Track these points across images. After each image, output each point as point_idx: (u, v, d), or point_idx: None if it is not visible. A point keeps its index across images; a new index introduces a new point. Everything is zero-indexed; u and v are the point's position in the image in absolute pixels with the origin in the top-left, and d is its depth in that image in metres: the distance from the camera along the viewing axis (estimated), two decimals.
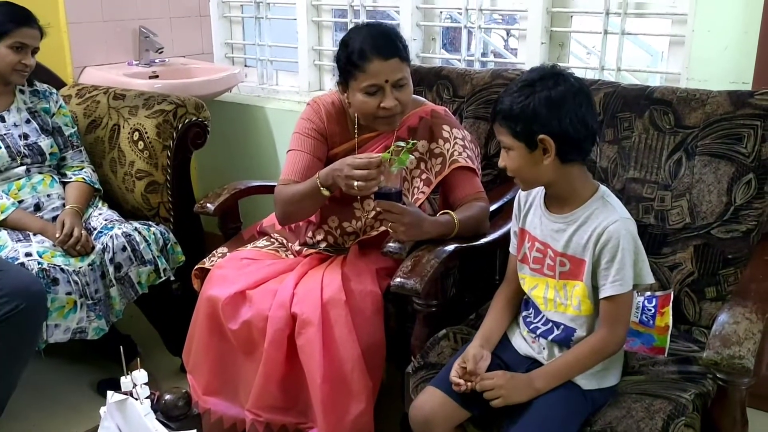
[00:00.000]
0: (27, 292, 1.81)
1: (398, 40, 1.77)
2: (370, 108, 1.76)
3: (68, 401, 2.22)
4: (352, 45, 1.75)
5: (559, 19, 2.34)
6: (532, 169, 1.39)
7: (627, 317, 1.39)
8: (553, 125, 1.33)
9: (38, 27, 2.15)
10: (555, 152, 1.34)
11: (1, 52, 2.09)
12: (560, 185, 1.41)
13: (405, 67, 1.77)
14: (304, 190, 1.77)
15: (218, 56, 3.23)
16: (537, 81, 1.35)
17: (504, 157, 1.42)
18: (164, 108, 2.29)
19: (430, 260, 1.58)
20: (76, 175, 2.25)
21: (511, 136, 1.37)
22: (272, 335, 1.70)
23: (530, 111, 1.34)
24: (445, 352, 1.56)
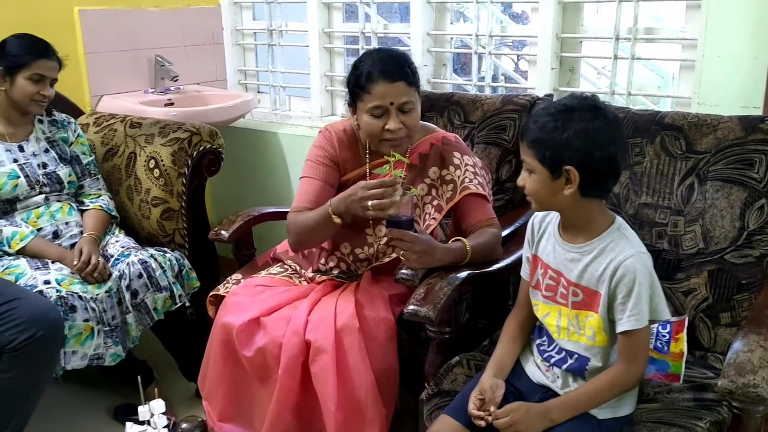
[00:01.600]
0: (45, 320, 1.84)
1: (406, 65, 1.80)
2: (375, 130, 1.78)
3: (86, 427, 2.24)
4: (361, 68, 1.79)
5: (569, 45, 2.36)
6: (550, 196, 1.38)
7: (645, 352, 1.39)
8: (583, 158, 1.32)
9: (57, 58, 2.19)
10: (578, 185, 1.34)
11: (20, 84, 2.14)
12: (576, 215, 1.41)
13: (412, 92, 1.79)
14: (316, 218, 1.79)
15: (232, 83, 3.28)
16: (576, 110, 1.33)
17: (524, 177, 1.40)
18: (179, 136, 2.32)
19: (443, 287, 1.59)
20: (93, 203, 2.29)
21: (536, 159, 1.35)
22: (286, 362, 1.71)
23: (563, 139, 1.32)
24: (459, 379, 1.57)
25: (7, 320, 1.80)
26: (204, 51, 3.13)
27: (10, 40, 2.15)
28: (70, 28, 2.64)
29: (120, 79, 2.83)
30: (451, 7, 2.69)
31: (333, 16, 2.92)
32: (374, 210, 1.63)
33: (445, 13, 2.66)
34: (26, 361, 1.82)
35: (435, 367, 1.64)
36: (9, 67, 2.13)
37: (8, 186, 2.13)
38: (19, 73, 2.13)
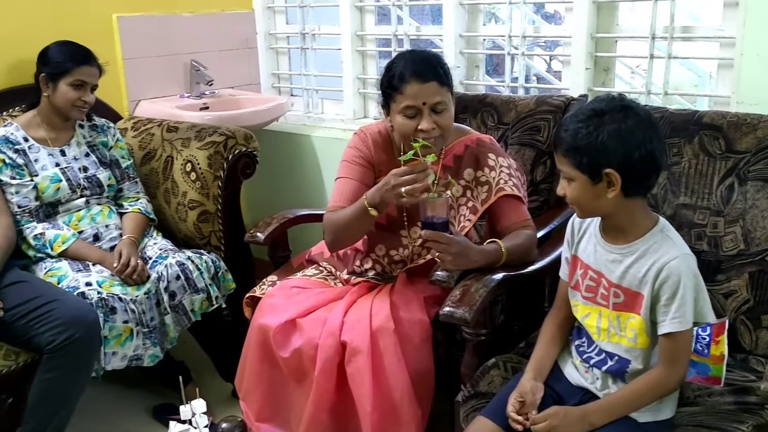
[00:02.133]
0: (82, 321, 1.87)
1: (438, 65, 1.80)
2: (408, 130, 1.78)
3: (126, 426, 2.28)
4: (394, 69, 1.79)
5: (604, 44, 2.34)
6: (593, 201, 1.37)
7: (687, 355, 1.37)
8: (621, 160, 1.30)
9: (97, 65, 2.24)
10: (620, 186, 1.32)
11: (62, 89, 2.19)
12: (620, 217, 1.39)
13: (445, 92, 1.78)
14: (352, 213, 1.79)
15: (265, 86, 3.31)
16: (606, 112, 1.32)
17: (564, 186, 1.39)
18: (215, 140, 2.36)
19: (478, 289, 1.59)
20: (132, 206, 2.33)
21: (574, 167, 1.34)
22: (322, 363, 1.73)
23: (598, 144, 1.30)
24: (496, 381, 1.56)
25: (47, 321, 1.84)
26: (238, 55, 3.17)
27: (52, 47, 2.21)
28: (109, 35, 2.69)
29: (157, 84, 2.88)
30: (483, 8, 2.68)
31: (365, 19, 2.94)
32: (408, 196, 1.62)
33: (478, 14, 2.66)
34: (65, 361, 1.86)
35: (471, 369, 1.64)
36: (52, 74, 2.18)
37: (51, 190, 2.18)
38: (61, 79, 2.18)
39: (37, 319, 1.86)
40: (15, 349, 1.89)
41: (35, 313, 1.86)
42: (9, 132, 2.18)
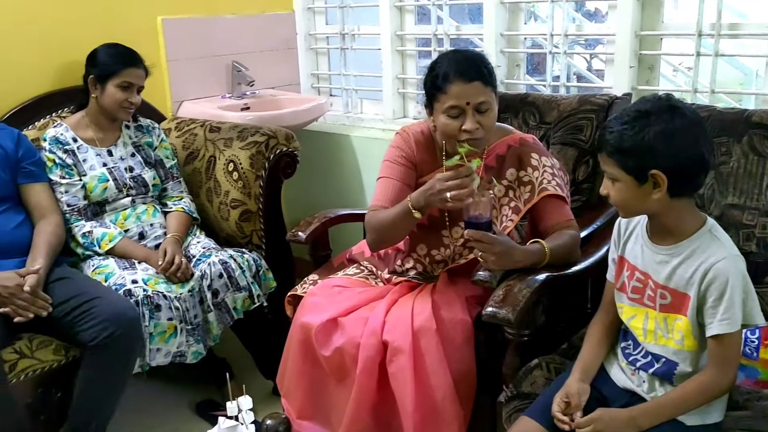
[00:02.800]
0: (123, 318, 1.91)
1: (482, 65, 1.78)
2: (451, 130, 1.77)
3: (169, 421, 2.32)
4: (438, 68, 1.78)
5: (648, 42, 2.30)
6: (638, 202, 1.35)
7: (736, 357, 1.35)
8: (668, 161, 1.29)
9: (144, 67, 2.29)
10: (666, 187, 1.31)
11: (110, 91, 2.23)
12: (666, 217, 1.37)
13: (489, 92, 1.77)
14: (395, 214, 1.79)
15: (305, 86, 3.34)
16: (652, 113, 1.31)
17: (608, 186, 1.38)
18: (257, 140, 2.38)
19: (522, 290, 1.58)
20: (176, 205, 2.37)
21: (620, 168, 1.33)
22: (364, 362, 1.73)
23: (644, 145, 1.29)
24: (538, 382, 1.55)
25: (89, 318, 1.88)
26: (278, 56, 3.20)
27: (101, 50, 2.26)
28: (154, 37, 2.74)
29: (199, 85, 2.92)
30: (524, 6, 2.66)
31: (405, 18, 2.94)
32: (453, 201, 1.62)
33: (519, 13, 2.64)
34: (107, 358, 1.90)
35: (513, 369, 1.63)
36: (100, 76, 2.23)
37: (98, 189, 2.23)
38: (109, 81, 2.22)
39: (80, 316, 1.90)
40: (64, 344, 1.93)
41: (79, 310, 1.90)
42: (59, 133, 2.24)
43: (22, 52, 2.40)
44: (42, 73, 2.45)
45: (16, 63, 2.39)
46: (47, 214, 2.12)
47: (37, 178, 2.16)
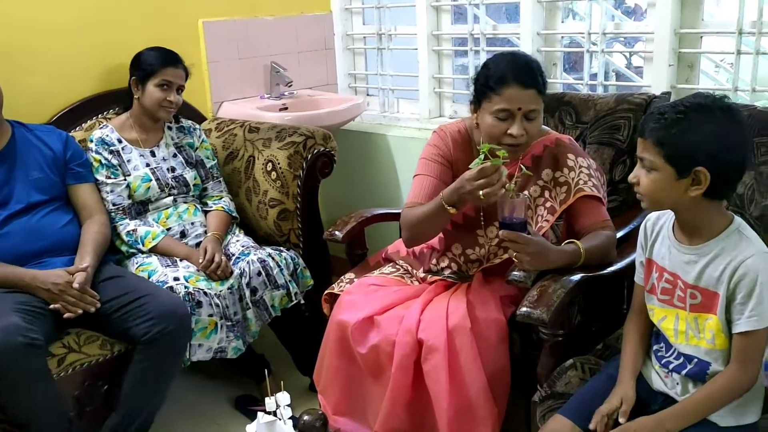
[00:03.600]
0: (174, 314, 1.97)
1: (540, 74, 1.79)
2: (497, 132, 1.77)
3: (209, 414, 2.38)
4: (494, 68, 1.78)
5: (688, 40, 2.28)
6: (670, 195, 1.33)
7: (761, 355, 1.33)
8: (716, 160, 1.28)
9: (183, 67, 2.35)
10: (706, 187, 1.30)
11: (150, 90, 2.30)
12: (695, 216, 1.37)
13: (540, 101, 1.77)
14: (429, 209, 1.81)
15: (342, 86, 3.37)
16: (710, 110, 1.30)
17: (641, 174, 1.36)
18: (295, 140, 2.42)
19: (556, 290, 1.59)
20: (216, 204, 2.43)
21: (662, 158, 1.31)
22: (399, 360, 1.76)
23: (696, 140, 1.28)
24: (573, 382, 1.56)
25: (141, 314, 1.95)
26: (316, 56, 3.24)
27: (142, 53, 2.33)
28: (195, 39, 2.81)
29: (238, 86, 2.98)
30: (562, 5, 2.65)
31: (441, 18, 2.95)
32: (487, 197, 1.63)
33: (556, 11, 2.63)
34: (158, 352, 1.96)
35: (547, 369, 1.64)
36: (141, 76, 2.30)
37: (142, 189, 2.30)
38: (149, 80, 2.29)
39: (132, 312, 1.97)
40: (110, 339, 2.00)
41: (130, 306, 1.97)
42: (105, 134, 2.31)
43: (70, 57, 2.48)
44: (89, 76, 2.53)
45: (65, 67, 2.47)
46: (94, 213, 2.20)
47: (84, 179, 2.23)
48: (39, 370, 1.82)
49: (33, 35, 2.38)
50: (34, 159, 2.15)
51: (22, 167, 2.13)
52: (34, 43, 2.39)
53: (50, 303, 1.93)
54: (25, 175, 2.12)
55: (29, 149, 2.15)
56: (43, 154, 2.17)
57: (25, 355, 1.77)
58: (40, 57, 2.41)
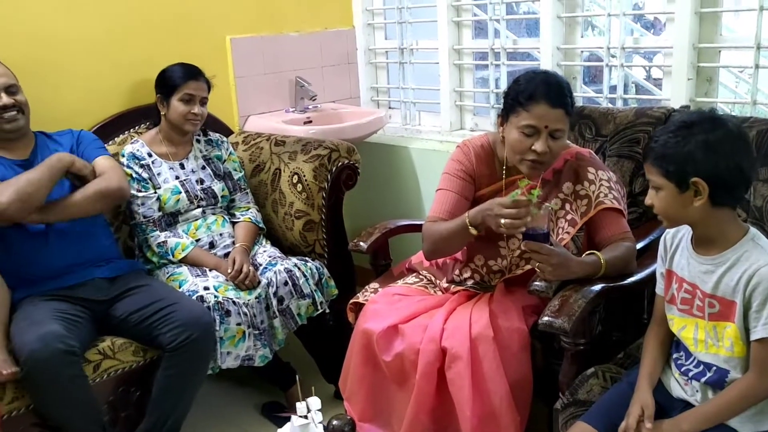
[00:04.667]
0: (199, 323, 2.04)
1: (569, 95, 1.83)
2: (521, 147, 1.81)
3: (237, 421, 2.43)
4: (525, 84, 1.82)
5: (707, 54, 2.31)
6: (680, 210, 1.40)
7: None
8: (709, 169, 1.34)
9: (205, 79, 2.42)
10: (707, 196, 1.36)
11: (174, 105, 2.38)
12: (708, 227, 1.42)
13: (567, 120, 1.82)
14: (453, 227, 1.87)
15: (364, 99, 3.44)
16: (695, 123, 1.37)
17: (652, 195, 1.44)
18: (320, 153, 2.49)
19: (577, 300, 1.63)
20: (243, 216, 2.50)
21: (662, 176, 1.39)
22: (423, 368, 1.81)
23: (685, 153, 1.35)
24: (594, 390, 1.59)
25: (168, 322, 2.02)
26: (339, 70, 3.31)
27: (165, 70, 2.42)
28: (223, 55, 2.88)
29: (264, 100, 3.05)
30: (581, 19, 2.70)
31: (462, 33, 3.01)
32: (506, 228, 1.69)
33: (575, 26, 2.68)
34: (185, 359, 2.02)
35: (569, 377, 1.67)
36: (164, 93, 2.38)
37: (171, 201, 2.37)
38: (172, 96, 2.37)
39: (159, 321, 2.03)
40: (143, 346, 2.07)
41: (157, 315, 2.04)
42: (135, 149, 2.39)
43: (101, 73, 2.57)
44: (119, 92, 2.61)
45: (96, 83, 2.56)
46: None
47: (90, 156, 2.22)
48: (76, 376, 1.89)
49: (65, 53, 2.47)
50: None
51: None
52: (66, 61, 2.48)
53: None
54: None
55: (49, 155, 2.18)
56: None
57: (64, 361, 1.84)
58: (73, 74, 2.49)
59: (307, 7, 3.14)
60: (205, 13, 2.81)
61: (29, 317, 1.94)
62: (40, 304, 1.99)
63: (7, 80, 2.11)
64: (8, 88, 2.10)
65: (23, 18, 2.38)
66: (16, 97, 2.12)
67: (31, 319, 1.92)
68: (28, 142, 2.20)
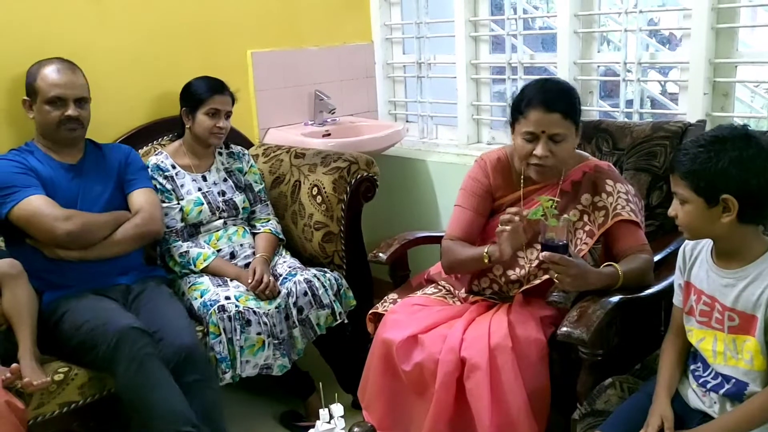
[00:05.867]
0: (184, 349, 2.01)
1: (567, 98, 1.88)
2: (524, 153, 1.89)
3: (255, 430, 2.46)
4: (525, 93, 1.90)
5: (723, 69, 2.33)
6: (705, 224, 1.41)
7: None
8: (741, 186, 1.35)
9: (229, 94, 2.47)
10: (736, 213, 1.37)
11: (200, 119, 2.43)
12: (732, 241, 1.43)
13: (568, 124, 1.86)
14: (470, 256, 1.97)
15: (382, 113, 3.48)
16: (727, 139, 1.37)
17: (677, 208, 1.44)
18: (339, 165, 2.53)
19: (596, 311, 1.65)
20: (264, 227, 2.54)
21: (691, 190, 1.40)
22: (442, 377, 1.83)
23: (717, 169, 1.35)
24: (612, 400, 1.61)
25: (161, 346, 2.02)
26: (357, 84, 3.36)
27: (191, 84, 2.47)
28: (244, 69, 2.94)
29: (284, 113, 3.10)
30: (597, 35, 2.73)
31: (480, 48, 3.05)
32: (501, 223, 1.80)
33: (592, 41, 2.71)
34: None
35: (587, 387, 1.69)
36: (190, 107, 2.43)
37: (194, 212, 2.42)
38: (198, 110, 2.42)
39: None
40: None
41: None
42: (160, 160, 2.44)
43: (129, 87, 2.63)
44: (145, 104, 2.68)
45: (124, 97, 2.62)
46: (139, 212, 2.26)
47: (135, 185, 2.31)
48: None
49: (94, 68, 2.51)
50: (99, 174, 2.27)
51: (89, 183, 2.24)
52: (95, 75, 2.52)
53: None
54: (90, 189, 2.24)
55: (96, 165, 2.28)
56: (106, 169, 2.30)
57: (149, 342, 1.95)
58: (101, 88, 2.52)
59: (326, 22, 3.19)
60: (227, 28, 2.87)
61: (92, 305, 2.04)
62: (88, 297, 2.08)
63: (80, 93, 2.20)
64: (79, 101, 2.19)
65: (59, 35, 2.45)
66: (82, 111, 2.21)
67: (95, 307, 2.03)
68: (78, 150, 2.28)
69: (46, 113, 2.17)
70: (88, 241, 2.14)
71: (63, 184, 2.20)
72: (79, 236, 2.11)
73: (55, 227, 2.08)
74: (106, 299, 2.12)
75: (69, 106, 2.17)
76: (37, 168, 2.17)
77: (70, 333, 2.01)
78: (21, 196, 2.09)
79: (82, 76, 2.23)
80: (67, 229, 2.08)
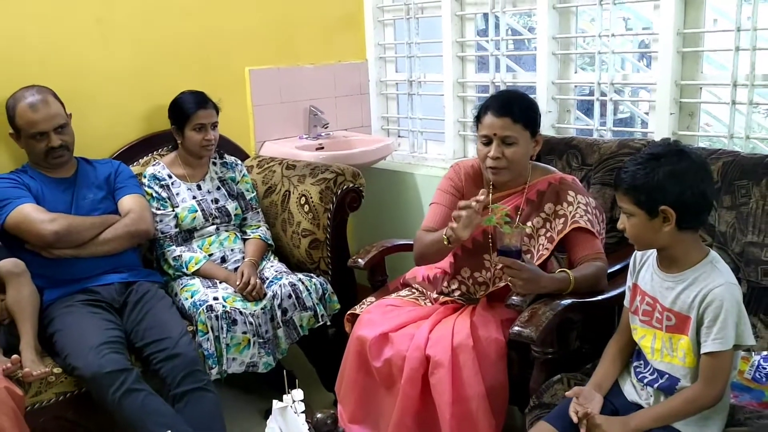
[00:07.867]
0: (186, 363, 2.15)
1: (518, 105, 2.04)
2: (481, 156, 2.07)
3: (242, 425, 2.58)
4: (485, 102, 2.10)
5: (689, 90, 2.46)
6: (650, 235, 1.54)
7: (725, 374, 1.49)
8: (676, 197, 1.48)
9: (212, 105, 2.61)
10: (674, 221, 1.50)
11: (188, 134, 2.58)
12: (674, 249, 1.56)
13: (518, 129, 2.01)
14: (434, 237, 2.09)
15: (375, 128, 3.63)
16: (662, 155, 1.50)
17: (624, 221, 1.58)
18: (326, 176, 2.67)
19: (545, 312, 1.78)
20: (254, 233, 2.69)
21: (633, 204, 1.53)
22: (408, 373, 1.96)
23: (654, 183, 1.49)
24: (558, 394, 1.74)
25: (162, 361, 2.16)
26: (351, 100, 3.51)
27: (176, 100, 2.60)
28: (242, 85, 3.10)
29: (280, 127, 3.25)
30: (575, 57, 2.87)
31: (466, 67, 3.20)
32: (454, 219, 1.92)
33: (569, 63, 2.85)
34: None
35: (539, 383, 1.81)
36: (178, 125, 2.59)
37: (188, 219, 2.57)
38: (185, 126, 2.57)
39: (155, 354, 2.18)
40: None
41: (153, 348, 2.19)
42: (156, 170, 2.60)
43: (129, 102, 2.79)
44: (144, 118, 2.83)
45: (124, 111, 2.78)
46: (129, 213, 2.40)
47: (125, 192, 2.46)
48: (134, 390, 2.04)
49: (96, 84, 2.69)
50: (90, 184, 2.43)
51: (82, 192, 2.40)
52: (97, 91, 2.70)
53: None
54: (83, 197, 2.40)
55: (87, 177, 2.44)
56: (97, 180, 2.46)
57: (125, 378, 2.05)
58: (101, 103, 2.71)
59: (322, 41, 3.35)
60: (225, 46, 3.03)
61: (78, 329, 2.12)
62: (78, 311, 2.19)
63: (57, 121, 2.32)
64: (58, 128, 2.32)
65: (64, 53, 2.62)
66: (64, 136, 2.34)
67: (80, 332, 2.11)
68: (70, 167, 2.44)
69: (32, 146, 2.33)
70: (75, 240, 2.28)
71: (57, 195, 2.36)
72: (65, 236, 2.25)
73: (42, 228, 2.23)
74: (95, 315, 2.19)
75: (51, 138, 2.31)
76: (30, 184, 2.33)
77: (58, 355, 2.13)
78: (13, 206, 2.25)
79: (55, 102, 2.33)
80: (53, 230, 2.23)
